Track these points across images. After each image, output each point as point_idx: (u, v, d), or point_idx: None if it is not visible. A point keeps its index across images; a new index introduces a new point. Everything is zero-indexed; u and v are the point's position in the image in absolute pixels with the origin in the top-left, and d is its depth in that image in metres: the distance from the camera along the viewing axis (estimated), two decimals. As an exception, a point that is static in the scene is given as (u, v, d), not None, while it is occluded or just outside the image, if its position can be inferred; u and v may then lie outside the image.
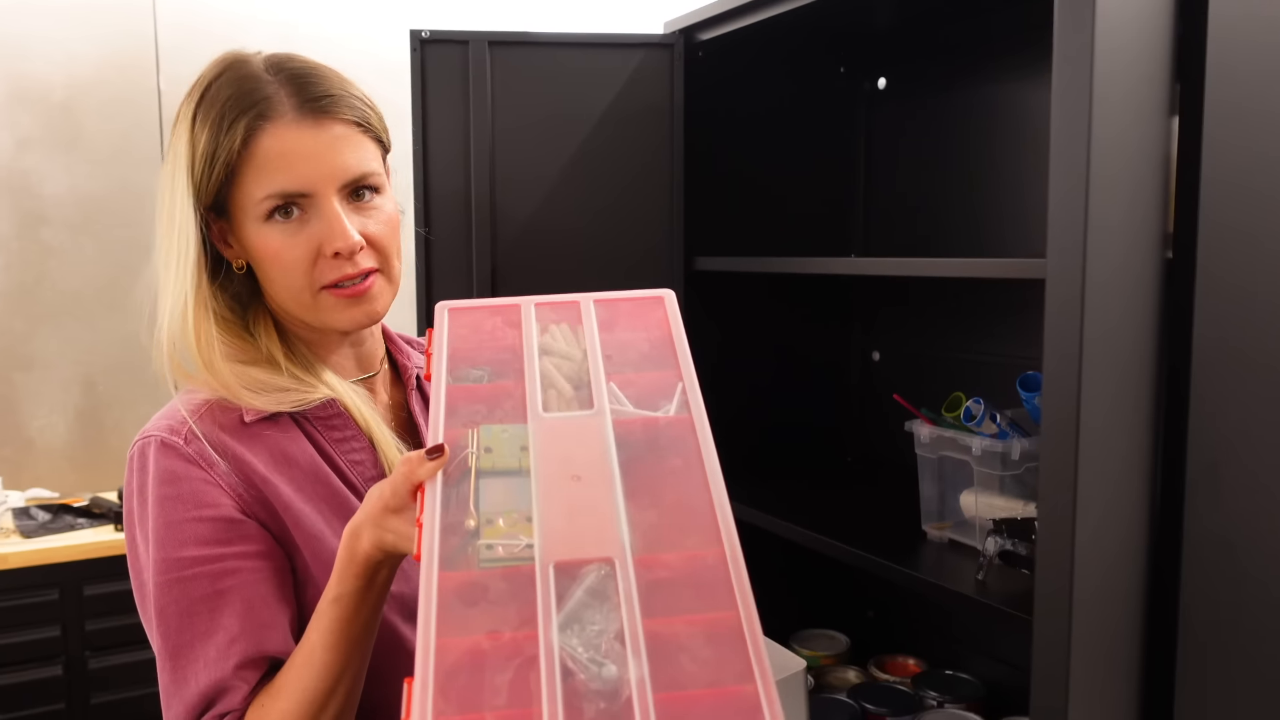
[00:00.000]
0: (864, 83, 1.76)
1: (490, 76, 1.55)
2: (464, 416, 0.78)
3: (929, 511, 1.34)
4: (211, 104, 0.87)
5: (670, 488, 0.73)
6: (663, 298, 0.90)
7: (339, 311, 0.90)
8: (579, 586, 0.66)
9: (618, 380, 0.81)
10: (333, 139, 0.87)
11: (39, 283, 2.61)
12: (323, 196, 0.87)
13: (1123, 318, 0.90)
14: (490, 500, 0.71)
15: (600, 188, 1.61)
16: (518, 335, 0.85)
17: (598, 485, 0.72)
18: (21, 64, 2.56)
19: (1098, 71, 0.84)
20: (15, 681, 2.20)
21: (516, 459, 0.74)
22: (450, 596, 0.66)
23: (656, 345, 0.85)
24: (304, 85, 0.88)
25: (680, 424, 0.78)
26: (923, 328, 1.70)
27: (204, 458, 0.86)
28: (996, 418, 1.22)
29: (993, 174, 1.55)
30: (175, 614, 0.83)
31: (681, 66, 1.59)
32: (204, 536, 0.84)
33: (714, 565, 0.68)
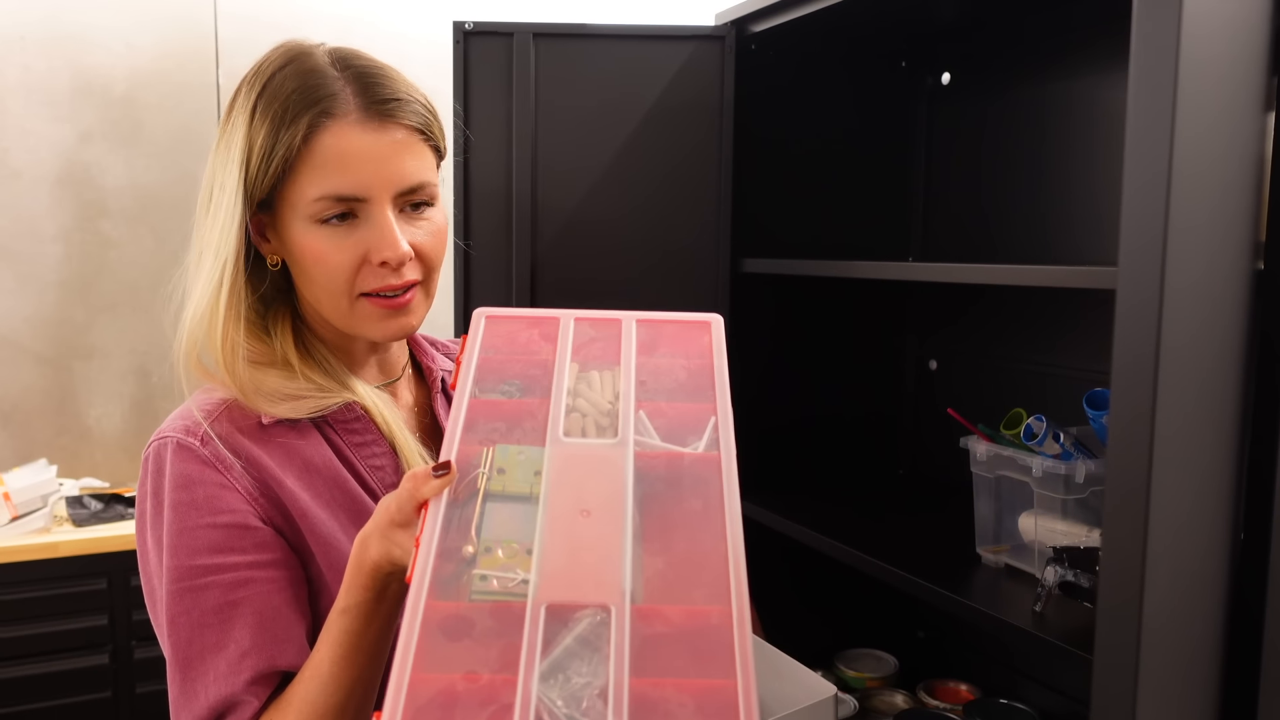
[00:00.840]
0: (926, 78, 1.68)
1: (534, 69, 1.50)
2: (482, 433, 0.75)
3: (984, 533, 1.26)
4: (274, 97, 0.84)
5: (685, 533, 0.68)
6: (709, 323, 0.86)
7: (374, 321, 0.88)
8: (569, 633, 0.61)
9: (648, 408, 0.77)
10: (394, 144, 0.85)
11: (98, 274, 2.65)
12: (377, 203, 0.84)
13: (1203, 331, 0.82)
14: (494, 527, 0.67)
15: (645, 186, 1.56)
16: (553, 351, 0.81)
17: (607, 523, 0.67)
18: (84, 57, 2.59)
19: (1184, 60, 0.76)
20: (64, 669, 2.23)
21: (528, 484, 0.70)
22: (434, 628, 0.62)
23: (695, 374, 0.80)
24: (370, 85, 0.85)
25: (707, 463, 0.73)
26: (983, 337, 1.61)
27: (220, 460, 0.83)
28: (1060, 437, 1.14)
29: (1062, 176, 1.45)
30: (186, 624, 0.80)
31: (733, 60, 1.53)
32: (217, 544, 0.81)
33: (718, 626, 0.62)
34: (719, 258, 1.57)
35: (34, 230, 2.58)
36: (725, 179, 1.55)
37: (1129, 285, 0.82)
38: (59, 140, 2.59)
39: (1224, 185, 0.80)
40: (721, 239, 1.56)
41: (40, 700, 2.21)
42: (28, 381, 2.61)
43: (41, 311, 2.61)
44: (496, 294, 1.53)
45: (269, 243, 0.89)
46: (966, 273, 1.18)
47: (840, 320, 1.69)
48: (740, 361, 1.60)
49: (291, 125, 0.82)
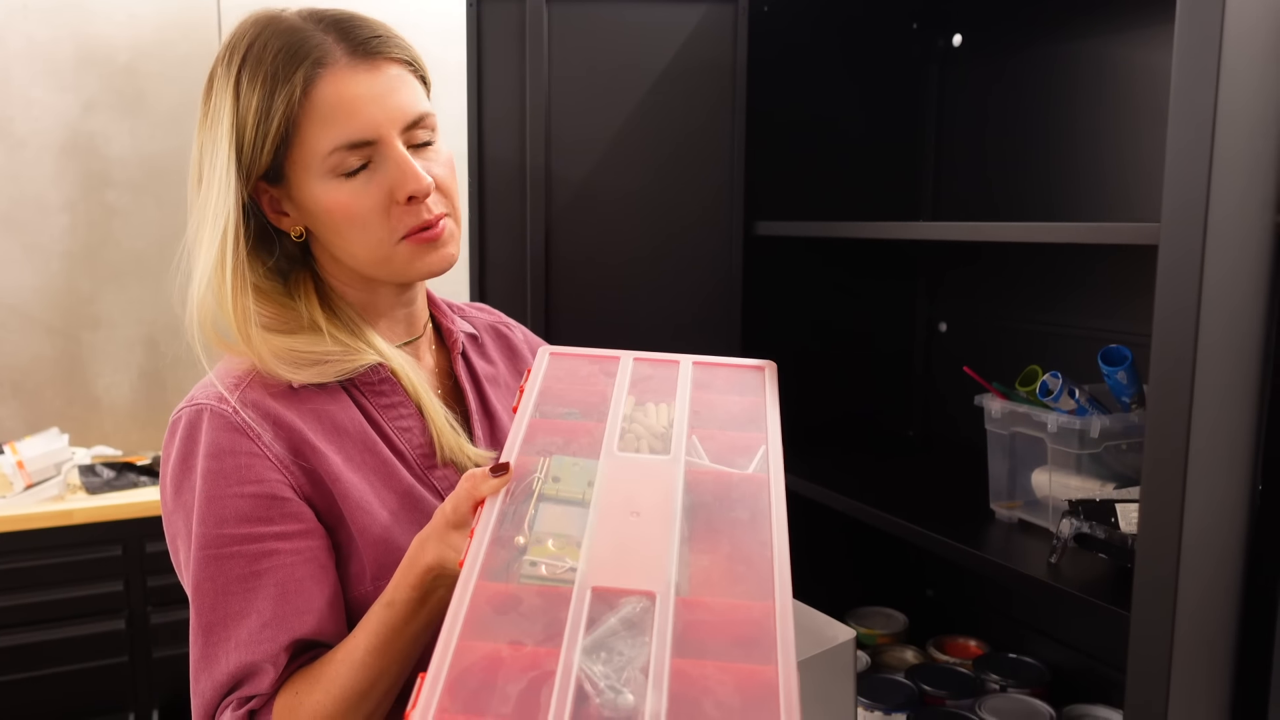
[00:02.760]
0: (938, 39, 1.68)
1: (547, 34, 1.50)
2: (539, 445, 0.78)
3: (998, 490, 1.28)
4: (259, 62, 0.83)
5: (731, 537, 0.70)
6: (764, 368, 0.90)
7: (418, 259, 0.88)
8: (614, 615, 0.63)
9: (701, 435, 0.79)
10: (389, 79, 0.85)
11: (104, 243, 2.65)
12: (388, 142, 0.84)
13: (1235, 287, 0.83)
14: (546, 523, 0.70)
15: (658, 149, 1.56)
16: (612, 384, 0.85)
17: (656, 523, 0.69)
18: (87, 27, 2.58)
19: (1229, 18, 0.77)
20: (80, 634, 2.26)
21: (581, 491, 0.72)
22: (482, 602, 0.64)
23: (748, 410, 0.84)
24: (350, 29, 0.85)
25: (755, 481, 0.75)
26: (992, 297, 1.62)
27: (253, 427, 0.84)
28: (1075, 393, 1.15)
29: (1073, 136, 1.46)
30: (211, 591, 0.82)
31: (745, 22, 1.53)
32: (245, 513, 0.82)
33: (760, 619, 0.64)
34: (732, 221, 1.57)
35: (39, 200, 2.58)
36: (738, 142, 1.56)
37: (1171, 241, 0.83)
38: (63, 110, 2.58)
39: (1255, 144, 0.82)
40: (735, 202, 1.57)
41: (58, 665, 2.24)
42: (37, 351, 2.61)
43: (49, 282, 2.61)
44: (512, 261, 1.54)
45: (288, 216, 0.89)
46: (994, 231, 1.19)
47: (851, 282, 1.70)
48: (752, 322, 1.62)
49: (286, 83, 0.82)
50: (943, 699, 1.41)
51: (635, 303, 1.58)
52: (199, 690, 0.82)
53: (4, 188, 2.55)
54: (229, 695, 0.81)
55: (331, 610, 0.84)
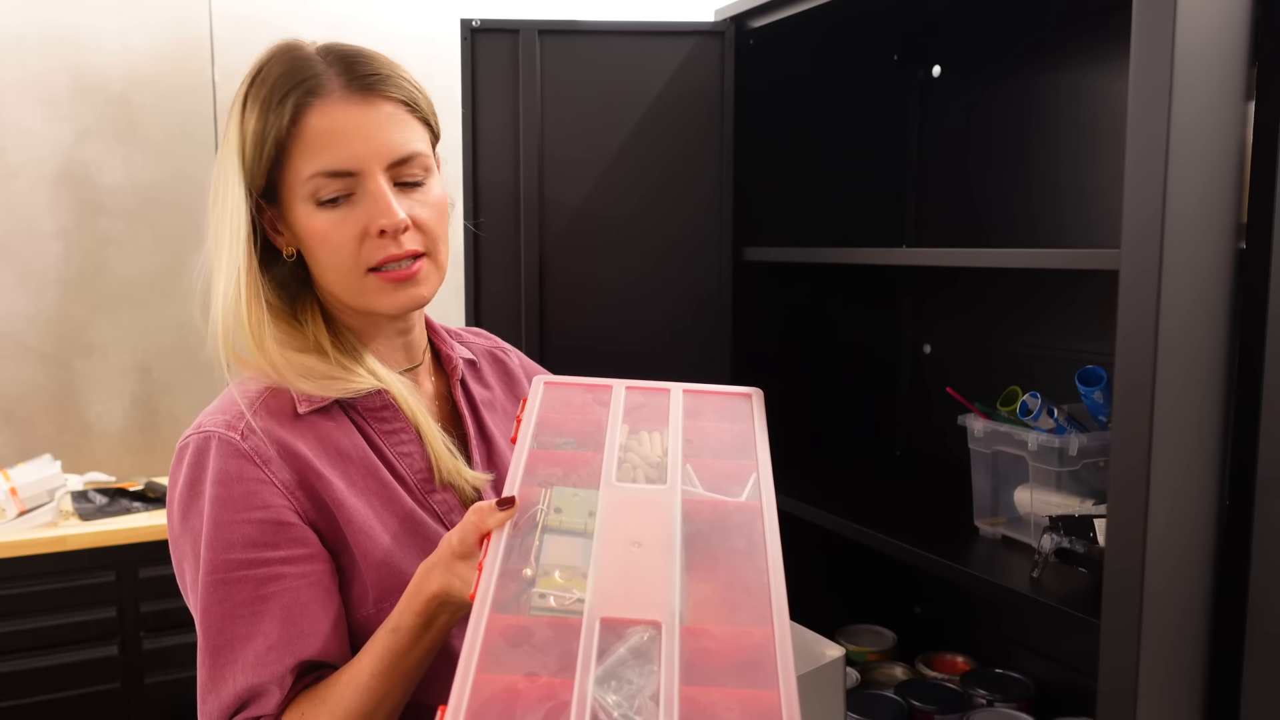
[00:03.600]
0: (918, 71, 1.73)
1: (540, 65, 1.55)
2: (540, 477, 0.81)
3: (981, 507, 1.32)
4: (262, 86, 0.87)
5: (729, 566, 0.73)
6: (750, 395, 0.93)
7: (385, 295, 0.90)
8: (623, 644, 0.66)
9: (694, 464, 0.83)
10: (380, 117, 0.88)
11: (97, 271, 2.67)
12: (369, 175, 0.87)
13: (1195, 310, 0.88)
14: (551, 555, 0.73)
15: (649, 177, 1.60)
16: (606, 413, 0.88)
17: (657, 553, 0.72)
18: (81, 56, 2.61)
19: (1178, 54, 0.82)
20: (73, 660, 2.25)
21: (583, 521, 0.75)
22: (495, 636, 0.67)
23: (738, 437, 0.87)
24: (352, 64, 0.88)
25: (749, 509, 0.79)
26: (974, 320, 1.67)
27: (259, 454, 0.86)
28: (1054, 412, 1.19)
29: (1048, 164, 1.51)
30: (218, 614, 0.84)
31: (732, 54, 1.58)
32: (252, 539, 0.84)
33: (761, 644, 0.67)
34: (721, 246, 1.62)
35: (33, 228, 2.60)
36: (726, 170, 1.60)
37: (1132, 265, 0.87)
38: (57, 139, 2.60)
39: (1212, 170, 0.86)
40: (723, 228, 1.61)
41: (51, 691, 2.23)
42: (29, 379, 2.62)
43: (42, 309, 2.62)
44: (506, 284, 1.57)
45: (281, 235, 0.93)
46: (968, 257, 1.24)
47: (837, 306, 1.75)
48: (742, 346, 1.65)
49: (279, 108, 0.86)
50: (931, 714, 1.44)
51: (627, 326, 1.62)
52: (206, 712, 0.84)
53: (-2, 216, 2.56)
54: (235, 716, 0.83)
55: (336, 632, 0.86)
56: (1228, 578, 0.95)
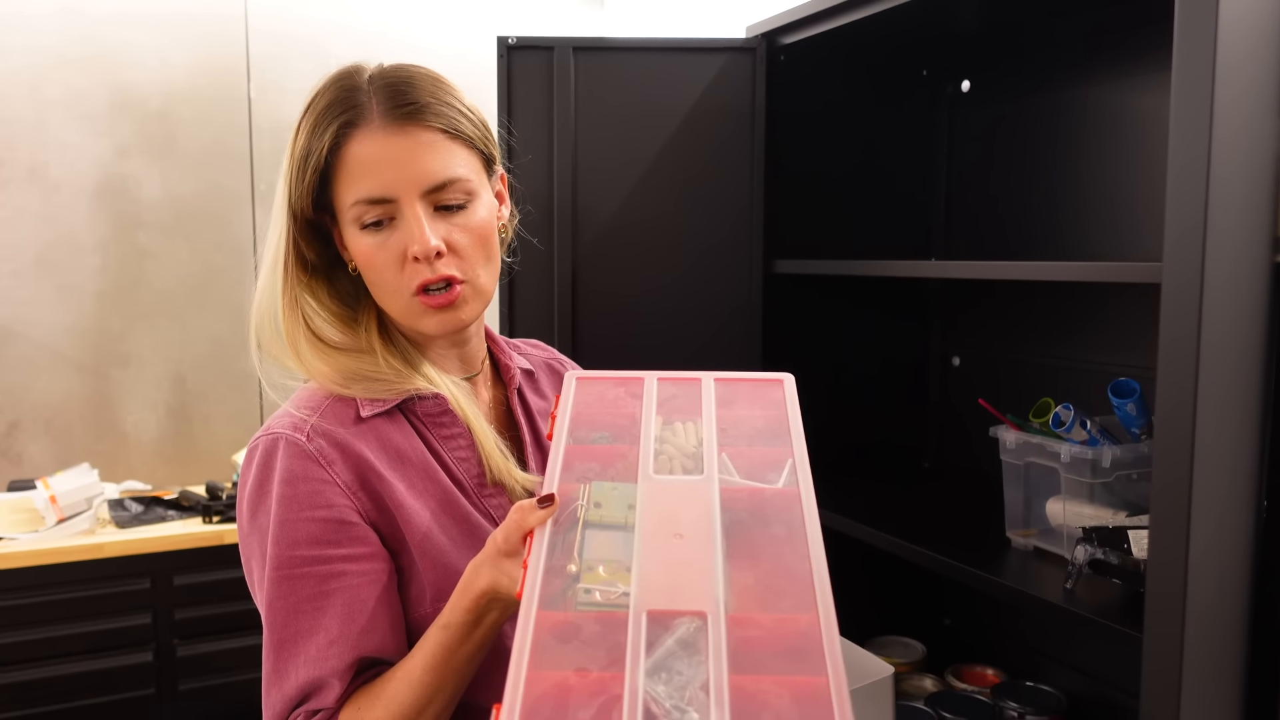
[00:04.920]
0: (947, 86, 1.75)
1: (574, 81, 1.57)
2: (578, 472, 0.82)
3: (1014, 518, 1.32)
4: (312, 112, 0.91)
5: (770, 553, 0.74)
6: (782, 381, 0.93)
7: (426, 318, 0.93)
8: (670, 636, 0.67)
9: (730, 452, 0.83)
10: (415, 145, 0.90)
11: (135, 283, 2.72)
12: (406, 202, 0.90)
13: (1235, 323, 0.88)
14: (594, 550, 0.74)
15: (680, 191, 1.63)
16: (639, 406, 0.89)
17: (699, 544, 0.73)
18: (122, 73, 2.67)
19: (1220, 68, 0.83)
20: (108, 666, 2.29)
21: (623, 515, 0.77)
22: (545, 633, 0.68)
23: (771, 423, 0.88)
24: (394, 93, 0.91)
25: (787, 495, 0.79)
26: (1004, 333, 1.68)
27: (324, 455, 0.89)
28: (1087, 424, 1.20)
29: (1075, 177, 1.52)
30: (283, 609, 0.87)
31: (763, 70, 1.60)
32: (316, 536, 0.87)
33: (806, 630, 0.68)
34: (751, 259, 1.63)
35: (73, 241, 2.65)
36: (757, 184, 1.62)
37: (1173, 278, 0.88)
38: (97, 154, 2.66)
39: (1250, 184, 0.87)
40: (754, 241, 1.63)
41: (86, 697, 2.27)
42: (68, 389, 2.67)
43: (80, 321, 2.67)
44: (541, 295, 1.60)
45: (346, 250, 0.96)
46: (1005, 270, 1.24)
47: (867, 318, 1.76)
48: (771, 358, 1.67)
49: (320, 136, 0.90)
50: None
51: (658, 336, 1.64)
52: (269, 703, 0.87)
53: (39, 230, 2.62)
54: (297, 709, 0.86)
55: (394, 630, 0.89)
56: (1267, 588, 0.95)
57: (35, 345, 2.64)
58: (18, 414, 2.63)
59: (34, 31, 2.58)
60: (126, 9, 2.65)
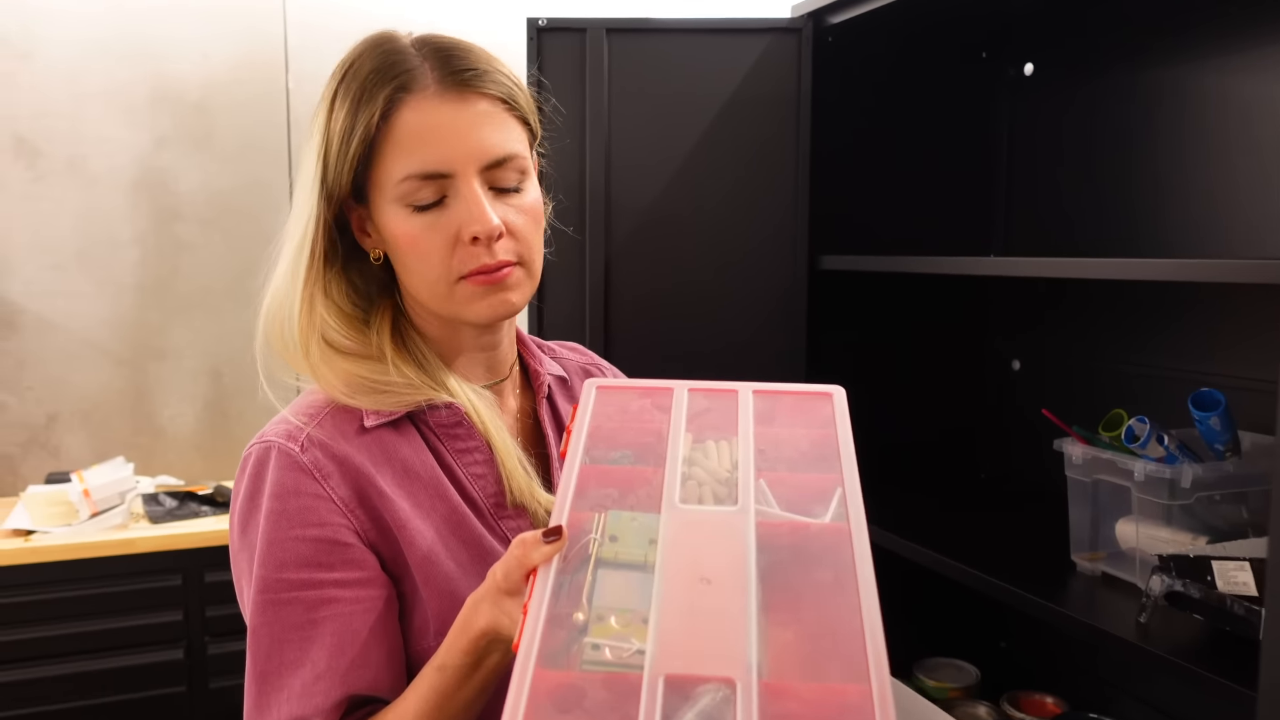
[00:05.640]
0: (1008, 69, 1.63)
1: (608, 65, 1.49)
2: (593, 499, 0.71)
3: (1079, 540, 1.21)
4: (353, 80, 0.82)
5: (815, 604, 0.62)
6: (831, 394, 0.81)
7: (474, 302, 0.84)
8: (691, 708, 0.56)
9: (768, 478, 0.72)
10: (476, 115, 0.81)
11: (173, 276, 2.70)
12: (463, 177, 0.81)
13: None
14: (606, 594, 0.63)
15: (720, 181, 1.53)
16: (667, 420, 0.78)
17: (729, 591, 0.62)
18: (161, 65, 2.64)
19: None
20: (139, 663, 2.27)
21: (643, 552, 0.66)
22: (543, 698, 0.57)
23: (818, 444, 0.76)
24: (449, 58, 0.83)
25: (835, 532, 0.67)
26: (1069, 335, 1.55)
27: (319, 468, 0.81)
28: (1164, 439, 1.08)
29: (1153, 168, 1.39)
30: (267, 637, 0.79)
31: (809, 52, 1.50)
32: (306, 558, 0.79)
33: (857, 705, 0.56)
34: (796, 254, 1.53)
35: (111, 235, 2.64)
36: (802, 174, 1.52)
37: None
38: (135, 146, 2.64)
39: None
40: (799, 235, 1.53)
41: (116, 693, 2.25)
42: (106, 382, 2.66)
43: (118, 314, 2.66)
44: (570, 291, 1.52)
45: (370, 236, 0.88)
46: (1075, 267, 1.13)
47: (920, 319, 1.65)
48: (816, 360, 1.57)
49: (369, 105, 0.80)
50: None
51: (696, 336, 1.55)
52: None
53: (79, 223, 2.61)
54: None
55: (390, 665, 0.81)
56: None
57: (74, 338, 2.63)
58: (57, 406, 2.63)
59: (75, 24, 2.56)
60: (168, 2, 2.63)
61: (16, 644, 2.17)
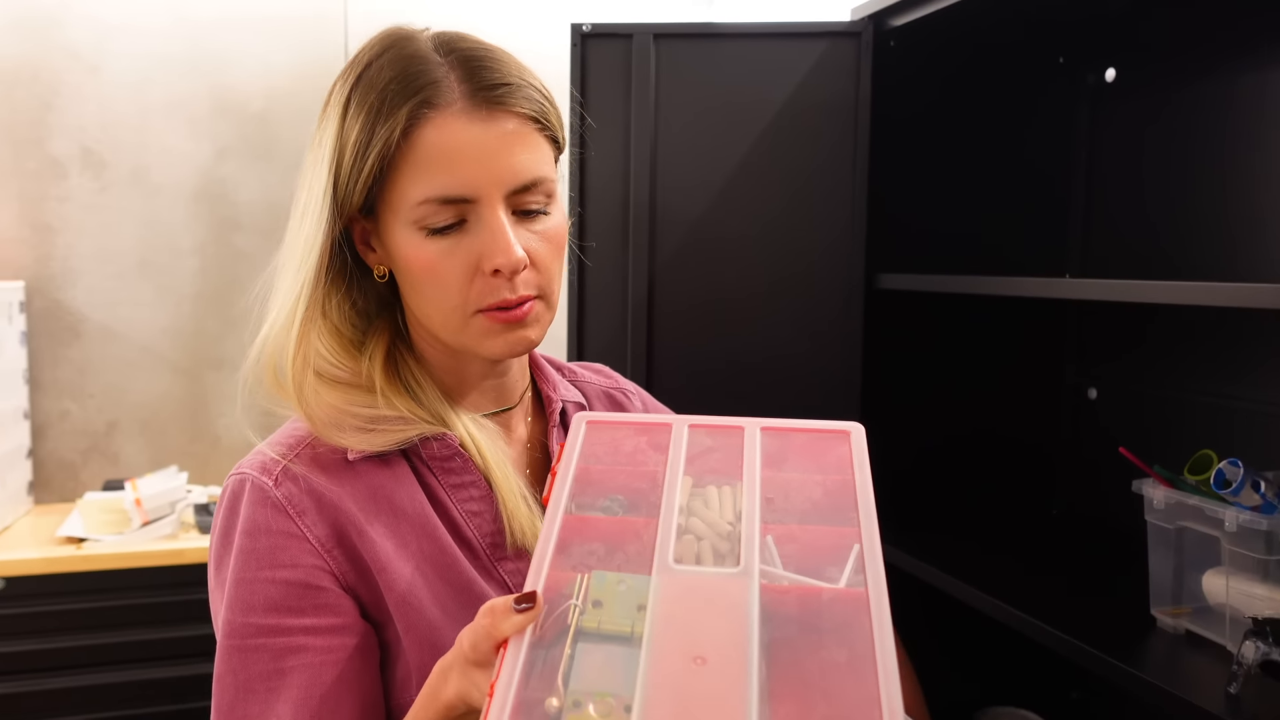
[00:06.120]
0: (1088, 75, 1.51)
1: (655, 72, 1.42)
2: (576, 556, 0.63)
3: (1160, 592, 1.09)
4: (370, 88, 0.75)
5: (825, 690, 0.54)
6: (848, 433, 0.72)
7: (490, 338, 0.78)
8: None
9: (777, 532, 0.64)
10: (504, 136, 0.75)
11: (230, 286, 2.71)
12: (487, 203, 0.74)
13: None
14: (586, 674, 0.55)
15: (772, 195, 1.45)
16: (664, 461, 0.70)
17: (727, 674, 0.54)
18: (224, 77, 2.67)
19: None
20: (189, 674, 2.26)
21: (629, 621, 0.58)
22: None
23: (833, 493, 0.67)
24: (477, 70, 0.75)
25: (852, 601, 0.59)
26: (1152, 363, 1.43)
27: (293, 504, 0.75)
28: (1260, 486, 0.96)
29: (1247, 183, 1.27)
30: (231, 686, 0.73)
31: (869, 57, 1.41)
32: (275, 602, 0.73)
33: None
34: (852, 272, 1.44)
35: (173, 245, 2.67)
36: (860, 188, 1.43)
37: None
38: (198, 158, 2.67)
39: None
40: (855, 253, 1.44)
41: (161, 704, 2.25)
42: (165, 390, 2.69)
43: (178, 323, 2.68)
44: (612, 311, 1.45)
45: (374, 252, 0.81)
46: (1159, 291, 1.01)
47: (986, 343, 1.54)
48: (873, 386, 1.47)
49: (389, 119, 0.73)
50: (1089, 831, 1.21)
51: (744, 360, 1.46)
52: None
53: (141, 233, 2.64)
54: None
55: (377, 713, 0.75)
56: None
57: (134, 346, 2.66)
58: (116, 414, 2.66)
59: (141, 37, 2.60)
60: (230, 13, 2.65)
61: (65, 651, 2.18)
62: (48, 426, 2.64)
